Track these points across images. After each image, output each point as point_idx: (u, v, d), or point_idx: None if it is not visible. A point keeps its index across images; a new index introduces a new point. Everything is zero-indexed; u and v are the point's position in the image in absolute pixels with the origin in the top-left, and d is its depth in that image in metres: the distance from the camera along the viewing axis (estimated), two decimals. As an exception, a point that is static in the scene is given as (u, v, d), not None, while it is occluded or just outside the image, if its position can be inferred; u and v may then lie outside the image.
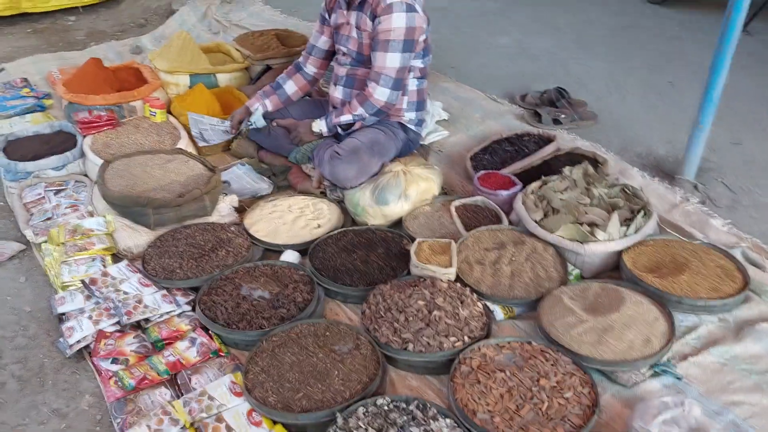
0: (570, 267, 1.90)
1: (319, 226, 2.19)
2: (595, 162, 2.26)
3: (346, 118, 2.34)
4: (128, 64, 3.24)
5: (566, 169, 2.17)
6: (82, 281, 1.90)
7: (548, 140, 2.47)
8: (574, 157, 2.34)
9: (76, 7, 5.03)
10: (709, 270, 1.78)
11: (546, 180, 2.16)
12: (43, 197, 2.39)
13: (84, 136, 2.67)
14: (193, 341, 1.71)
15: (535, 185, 2.15)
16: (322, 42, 2.58)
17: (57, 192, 2.43)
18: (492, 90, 3.03)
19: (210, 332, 1.75)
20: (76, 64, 3.73)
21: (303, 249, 2.08)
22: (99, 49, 4.24)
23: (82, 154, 2.62)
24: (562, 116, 2.66)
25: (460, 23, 4.14)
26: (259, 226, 2.19)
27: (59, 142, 2.70)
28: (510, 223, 2.13)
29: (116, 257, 2.10)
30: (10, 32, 4.72)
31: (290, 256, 2.04)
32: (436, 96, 2.89)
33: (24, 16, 4.87)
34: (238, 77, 3.19)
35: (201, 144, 2.61)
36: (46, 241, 2.13)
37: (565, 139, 2.51)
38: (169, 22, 4.53)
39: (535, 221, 2.01)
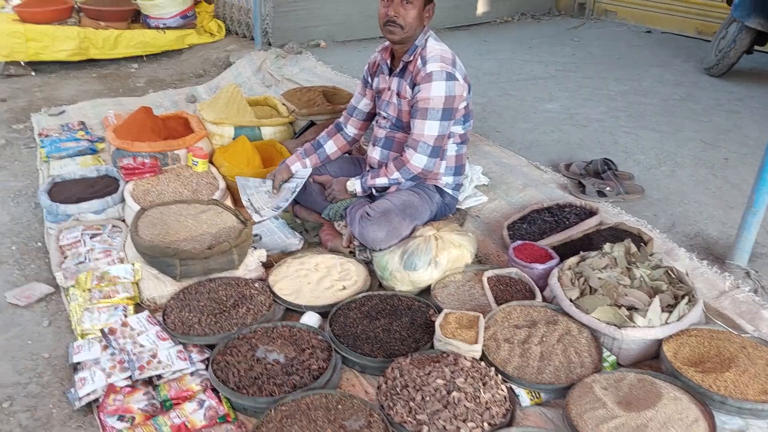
0: (605, 353, 1.77)
1: (344, 288, 2.13)
2: (640, 239, 2.15)
3: (381, 181, 2.31)
4: (178, 113, 3.33)
5: (607, 246, 2.06)
6: (101, 330, 1.89)
7: (591, 213, 2.37)
8: (617, 233, 2.23)
9: (140, 56, 5.27)
10: (759, 368, 1.62)
11: (585, 256, 2.06)
12: (79, 240, 2.42)
13: (126, 182, 2.73)
14: (201, 403, 1.65)
15: (572, 261, 2.05)
16: (364, 104, 2.58)
17: (93, 236, 2.46)
18: (536, 157, 2.96)
19: (220, 394, 1.69)
20: (132, 110, 3.88)
21: (325, 311, 2.02)
22: (156, 96, 4.41)
23: (122, 200, 2.67)
24: (608, 188, 2.56)
25: (508, 87, 4.12)
26: (284, 284, 2.15)
27: (102, 186, 2.76)
28: (544, 299, 2.02)
29: (139, 307, 2.09)
30: (77, 76, 4.97)
31: (311, 319, 1.98)
32: (477, 159, 2.84)
33: (91, 62, 5.14)
34: (282, 131, 3.23)
35: (256, 219, 2.51)
36: (74, 286, 2.14)
37: (609, 213, 2.40)
38: (225, 73, 4.68)
39: (571, 300, 1.89)
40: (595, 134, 3.33)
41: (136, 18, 5.34)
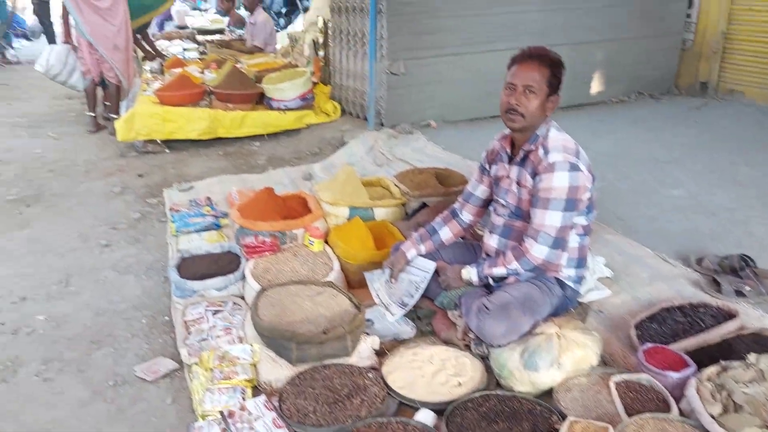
0: (759, 484, 1.56)
1: (459, 384, 2.06)
2: (790, 350, 1.93)
3: (499, 271, 2.25)
4: (297, 193, 3.48)
5: (752, 356, 1.86)
6: (221, 413, 1.92)
7: (729, 315, 2.17)
8: (761, 340, 2.02)
9: (262, 135, 5.61)
10: None
11: (726, 366, 1.87)
12: (203, 317, 2.53)
13: (247, 260, 2.85)
14: (315, 501, 1.61)
15: (712, 371, 1.86)
16: (481, 191, 2.57)
17: (215, 312, 2.56)
18: (662, 247, 2.79)
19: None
20: (254, 187, 4.12)
21: (440, 409, 1.95)
22: (275, 173, 4.65)
23: (243, 277, 2.77)
24: (747, 288, 2.34)
25: (628, 170, 3.97)
26: (397, 375, 2.11)
27: (226, 263, 2.90)
28: (681, 412, 1.84)
29: (256, 389, 2.11)
30: (206, 153, 5.36)
31: (426, 417, 1.91)
32: (598, 249, 2.72)
33: (218, 140, 5.53)
34: (394, 212, 3.28)
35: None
36: (197, 363, 2.21)
37: (751, 317, 2.19)
38: (339, 152, 4.87)
39: (712, 416, 1.71)
40: (726, 224, 3.10)
41: (260, 100, 5.73)
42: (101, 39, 5.62)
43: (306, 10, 12.65)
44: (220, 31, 10.05)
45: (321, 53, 7.02)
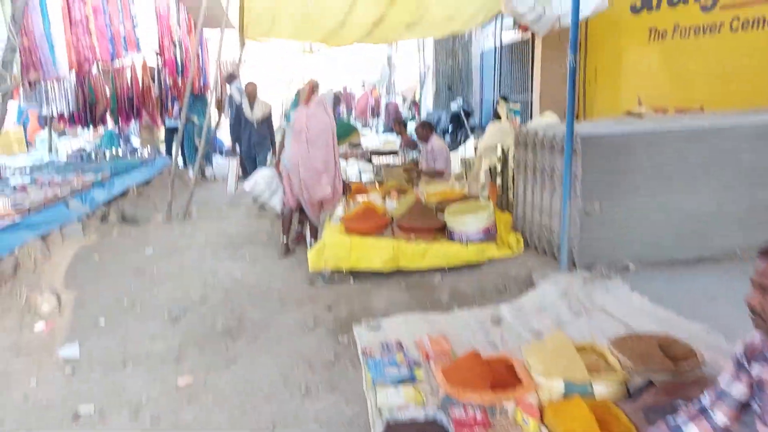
0: None
1: None
2: None
3: None
4: (502, 357, 3.29)
5: None
6: None
7: None
8: None
9: (443, 268, 5.59)
10: None
11: None
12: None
13: (457, 436, 2.67)
14: None
15: None
16: (738, 391, 2.20)
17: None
18: None
19: None
20: (444, 331, 4.01)
21: None
22: (462, 315, 4.52)
23: (454, 457, 2.59)
24: None
25: None
26: None
27: (432, 435, 2.75)
28: None
29: None
30: (388, 285, 5.42)
31: None
32: None
33: (399, 273, 5.59)
34: (615, 389, 2.95)
35: None
36: None
37: None
38: (530, 295, 4.66)
39: None
40: None
41: (441, 231, 5.76)
42: (309, 171, 6.07)
43: (473, 129, 13.04)
44: (393, 152, 10.55)
45: (498, 181, 7.02)
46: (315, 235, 6.34)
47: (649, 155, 4.73)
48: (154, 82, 12.80)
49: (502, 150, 6.88)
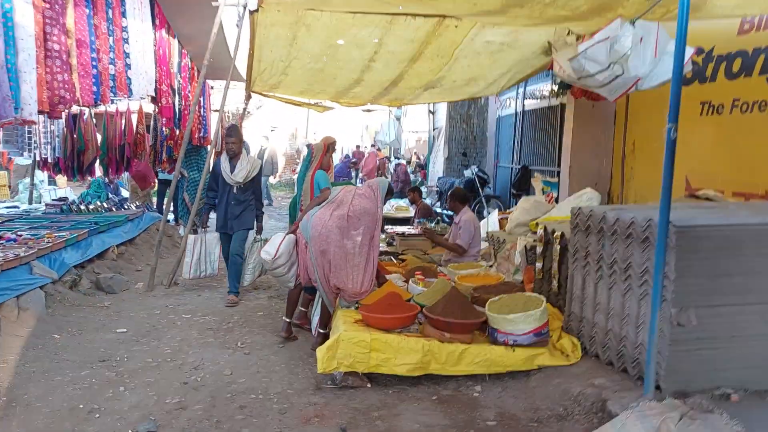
0: None
1: None
2: None
3: None
4: None
5: None
6: None
7: None
8: None
9: (483, 375, 4.52)
10: None
11: None
12: None
13: None
14: None
15: None
16: None
17: None
18: None
19: None
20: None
21: None
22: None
23: None
24: None
25: None
26: None
27: None
28: None
29: None
30: (415, 396, 4.34)
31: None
32: None
33: (429, 378, 4.51)
34: None
35: None
36: None
37: None
38: (606, 428, 3.58)
39: None
40: None
41: (481, 329, 4.72)
42: (341, 254, 5.02)
43: (488, 200, 12.16)
44: (407, 221, 9.62)
45: (538, 264, 6.02)
46: (325, 322, 5.27)
47: (761, 254, 3.76)
48: (149, 131, 11.97)
49: (545, 229, 5.92)
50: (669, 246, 3.70)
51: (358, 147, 22.54)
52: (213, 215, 7.17)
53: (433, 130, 16.21)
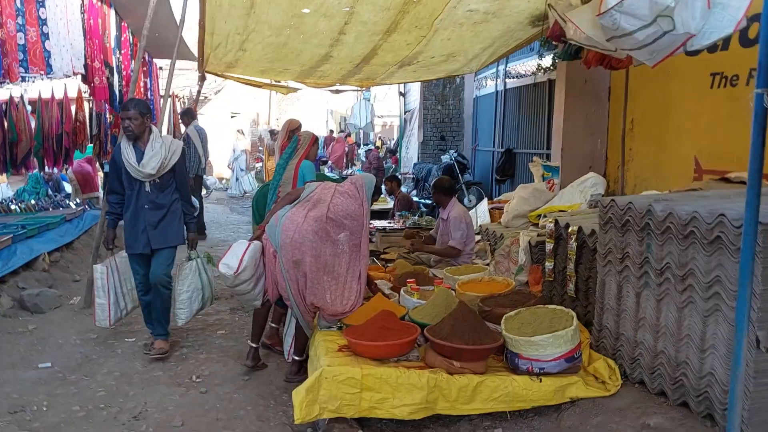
0: None
1: None
2: None
3: None
4: None
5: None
6: None
7: None
8: None
9: (503, 413, 3.60)
10: None
11: None
12: None
13: None
14: None
15: None
16: None
17: None
18: None
19: None
20: None
21: None
22: None
23: None
24: None
25: None
26: None
27: None
28: None
29: None
30: (420, 446, 3.40)
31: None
32: None
33: (436, 420, 3.59)
34: None
35: None
36: None
37: None
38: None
39: None
40: None
41: (496, 352, 3.81)
42: (319, 267, 4.04)
43: (468, 187, 11.25)
44: (385, 213, 8.64)
45: (548, 264, 5.12)
46: (302, 347, 4.28)
47: None
48: (92, 119, 10.70)
49: (557, 222, 5.03)
50: (758, 254, 2.81)
51: (331, 132, 21.26)
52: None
53: (405, 113, 15.22)
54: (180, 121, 10.54)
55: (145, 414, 3.81)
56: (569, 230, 4.76)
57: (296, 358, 4.29)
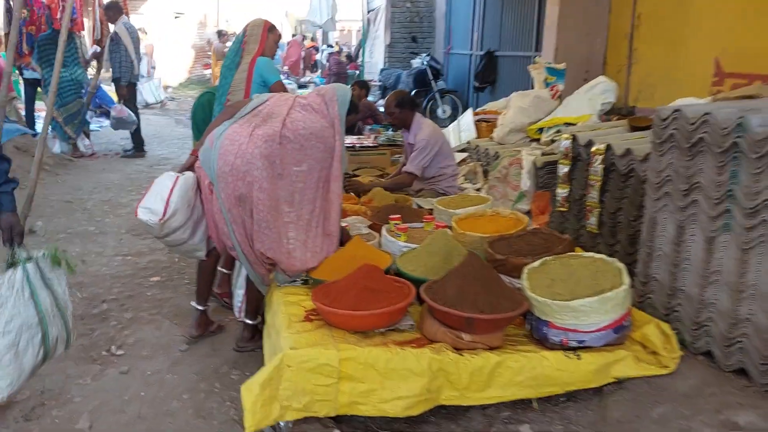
0: None
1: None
2: None
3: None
4: None
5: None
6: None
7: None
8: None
9: (528, 401, 2.69)
10: None
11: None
12: None
13: None
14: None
15: None
16: None
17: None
18: None
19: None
20: None
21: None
22: None
23: None
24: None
25: None
26: None
27: None
28: None
29: None
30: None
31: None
32: None
33: (440, 412, 2.66)
34: None
35: None
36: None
37: None
38: None
39: None
40: None
41: (520, 323, 2.85)
42: (272, 206, 2.91)
43: (442, 95, 10.05)
44: (352, 128, 7.40)
45: (561, 191, 4.14)
46: (254, 308, 3.25)
47: None
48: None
49: (575, 138, 4.02)
50: None
51: (293, 36, 19.23)
52: None
53: (369, 12, 13.62)
54: (106, 17, 8.92)
55: (42, 408, 2.78)
56: (593, 149, 3.75)
57: (249, 321, 3.27)
